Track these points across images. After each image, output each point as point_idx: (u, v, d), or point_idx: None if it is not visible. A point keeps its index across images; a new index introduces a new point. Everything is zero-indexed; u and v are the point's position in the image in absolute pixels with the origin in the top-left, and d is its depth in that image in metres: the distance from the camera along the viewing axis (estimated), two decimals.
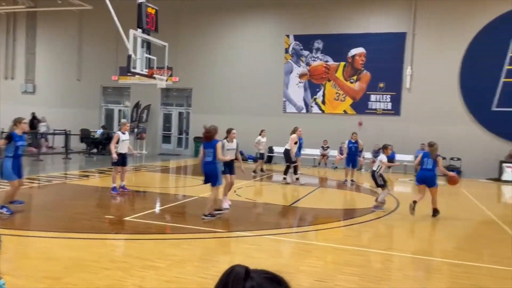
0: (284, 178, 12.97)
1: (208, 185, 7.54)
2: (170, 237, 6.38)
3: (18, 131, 7.26)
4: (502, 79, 17.84)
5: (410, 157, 18.74)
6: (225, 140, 8.28)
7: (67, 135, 19.02)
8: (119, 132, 10.00)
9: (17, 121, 7.33)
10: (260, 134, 15.47)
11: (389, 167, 9.89)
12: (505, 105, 17.80)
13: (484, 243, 6.94)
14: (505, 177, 16.91)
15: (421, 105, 18.79)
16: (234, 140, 8.41)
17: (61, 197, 9.35)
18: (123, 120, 11.03)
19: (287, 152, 12.93)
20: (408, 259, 5.74)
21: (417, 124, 18.70)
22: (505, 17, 17.70)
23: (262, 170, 15.58)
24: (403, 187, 14.73)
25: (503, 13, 17.74)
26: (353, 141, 13.76)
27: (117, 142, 9.75)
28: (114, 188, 9.75)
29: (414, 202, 8.52)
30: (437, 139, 18.71)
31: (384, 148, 9.62)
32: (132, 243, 6.00)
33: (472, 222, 8.93)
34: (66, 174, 13.35)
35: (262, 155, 15.61)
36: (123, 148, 9.88)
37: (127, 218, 7.32)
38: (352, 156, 13.75)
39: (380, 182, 9.30)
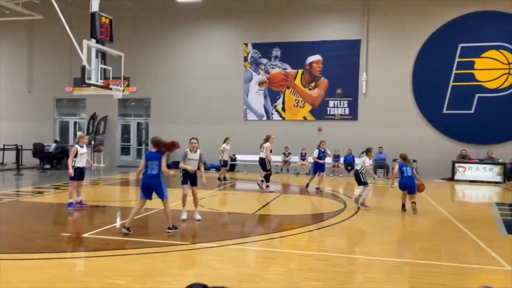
0: (267, 186, 13.00)
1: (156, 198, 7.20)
2: (130, 252, 6.18)
3: None
4: (451, 83, 18.73)
5: (368, 161, 19.24)
6: (187, 150, 8.25)
7: (18, 150, 18.16)
8: (77, 146, 9.79)
9: None
10: (224, 142, 15.46)
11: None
12: (455, 107, 18.70)
13: (442, 241, 7.19)
14: (457, 176, 17.70)
15: (377, 109, 19.39)
16: (198, 151, 8.33)
17: (13, 215, 8.88)
18: (80, 133, 10.77)
19: (262, 161, 13.00)
20: (370, 261, 5.84)
21: (373, 128, 19.27)
22: (452, 24, 18.66)
23: (224, 178, 15.51)
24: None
25: (450, 19, 18.69)
26: (323, 149, 13.56)
27: (75, 156, 9.58)
28: (70, 204, 9.43)
29: (413, 203, 9.64)
30: (393, 142, 19.46)
31: (368, 151, 10.52)
32: (91, 261, 5.77)
33: (430, 222, 9.24)
34: (18, 191, 12.72)
35: (225, 162, 15.61)
36: (82, 162, 9.74)
37: (85, 235, 7.05)
38: (321, 164, 13.56)
39: (363, 180, 10.25)
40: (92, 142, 21.57)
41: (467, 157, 18.13)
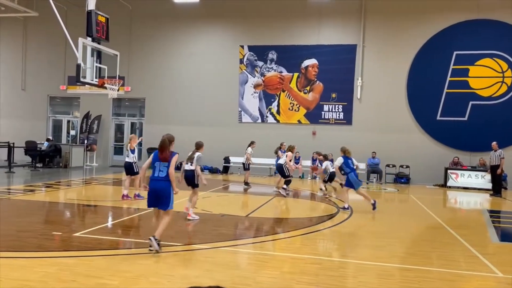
0: (285, 189, 13.11)
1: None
2: (123, 252, 6.14)
3: None
4: (445, 90, 18.87)
5: (362, 165, 19.32)
6: (199, 154, 8.89)
7: (10, 147, 18.01)
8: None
9: None
10: (250, 146, 15.18)
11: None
12: (449, 114, 18.83)
13: (433, 247, 7.22)
14: (450, 183, 17.82)
15: (371, 114, 19.48)
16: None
17: (4, 213, 8.80)
18: (132, 135, 11.77)
19: (280, 167, 13.19)
20: (362, 266, 5.85)
21: (368, 133, 19.35)
22: (448, 31, 18.81)
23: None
24: (356, 195, 15.08)
25: (446, 27, 18.84)
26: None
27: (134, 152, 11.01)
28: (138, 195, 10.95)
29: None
30: (386, 148, 19.57)
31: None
32: (82, 260, 5.72)
33: (421, 227, 9.28)
34: (9, 189, 12.60)
35: (249, 166, 15.43)
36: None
37: (76, 234, 7.00)
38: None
39: None
40: (85, 141, 21.47)
41: (459, 164, 18.26)
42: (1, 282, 4.63)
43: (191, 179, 8.77)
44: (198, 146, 9.11)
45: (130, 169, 10.97)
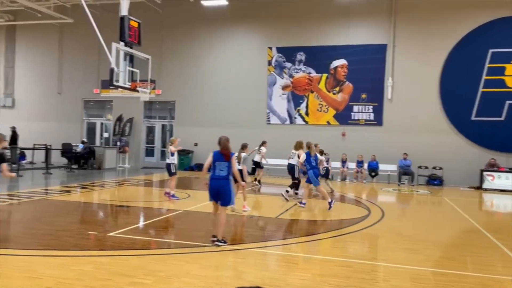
0: (296, 193, 12.87)
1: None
2: (155, 252, 6.27)
3: None
4: (481, 89, 18.28)
5: (393, 167, 19.01)
6: (245, 154, 9.98)
7: (47, 149, 18.66)
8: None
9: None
10: (263, 145, 15.33)
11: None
12: (484, 114, 18.23)
13: (469, 251, 7.02)
14: (485, 185, 17.24)
15: (403, 115, 19.10)
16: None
17: (42, 213, 9.14)
18: (173, 137, 12.37)
19: (292, 168, 12.78)
20: (394, 269, 5.75)
21: (399, 134, 18.99)
22: (482, 29, 18.22)
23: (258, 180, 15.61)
24: (387, 197, 14.84)
25: (480, 24, 18.27)
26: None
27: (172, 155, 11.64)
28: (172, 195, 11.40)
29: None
30: (418, 149, 19.15)
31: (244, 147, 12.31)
32: (117, 259, 5.87)
33: (456, 231, 9.03)
34: (46, 189, 13.07)
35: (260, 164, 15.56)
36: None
37: (110, 234, 7.19)
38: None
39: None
40: (118, 143, 21.99)
41: (496, 165, 17.64)
42: (40, 279, 4.82)
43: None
44: (243, 147, 9.96)
45: (168, 169, 11.65)
